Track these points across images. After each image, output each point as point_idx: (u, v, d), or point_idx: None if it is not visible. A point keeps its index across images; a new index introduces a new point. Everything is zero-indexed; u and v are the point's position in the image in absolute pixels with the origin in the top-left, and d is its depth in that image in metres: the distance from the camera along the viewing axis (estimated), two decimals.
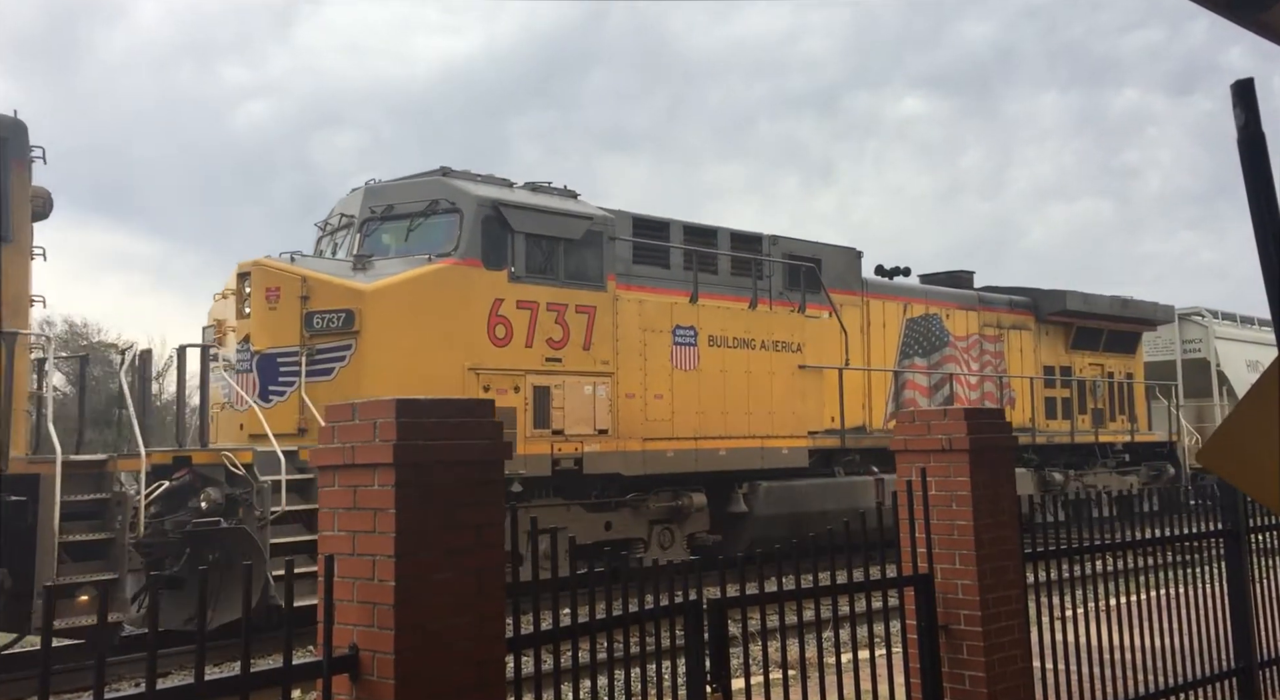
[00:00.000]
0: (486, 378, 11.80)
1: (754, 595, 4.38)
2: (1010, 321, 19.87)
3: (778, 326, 14.89)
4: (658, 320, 13.49)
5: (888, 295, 17.58)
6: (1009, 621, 5.11)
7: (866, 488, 15.56)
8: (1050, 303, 20.39)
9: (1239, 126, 2.43)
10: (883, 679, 4.77)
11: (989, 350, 19.13)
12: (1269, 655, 6.68)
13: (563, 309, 12.54)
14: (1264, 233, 2.37)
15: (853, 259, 17.00)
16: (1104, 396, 21.28)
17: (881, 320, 17.23)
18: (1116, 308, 21.20)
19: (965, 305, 18.98)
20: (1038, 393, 19.88)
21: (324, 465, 3.27)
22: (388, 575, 3.01)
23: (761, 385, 14.43)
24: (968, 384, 18.45)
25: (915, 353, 17.68)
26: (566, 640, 3.70)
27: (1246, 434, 2.66)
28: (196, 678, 2.75)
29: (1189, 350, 24.33)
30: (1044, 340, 20.46)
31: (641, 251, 13.94)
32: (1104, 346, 21.64)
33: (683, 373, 13.60)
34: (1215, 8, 2.65)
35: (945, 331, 18.32)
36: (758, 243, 15.36)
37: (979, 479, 5.08)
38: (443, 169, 12.68)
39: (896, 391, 17.18)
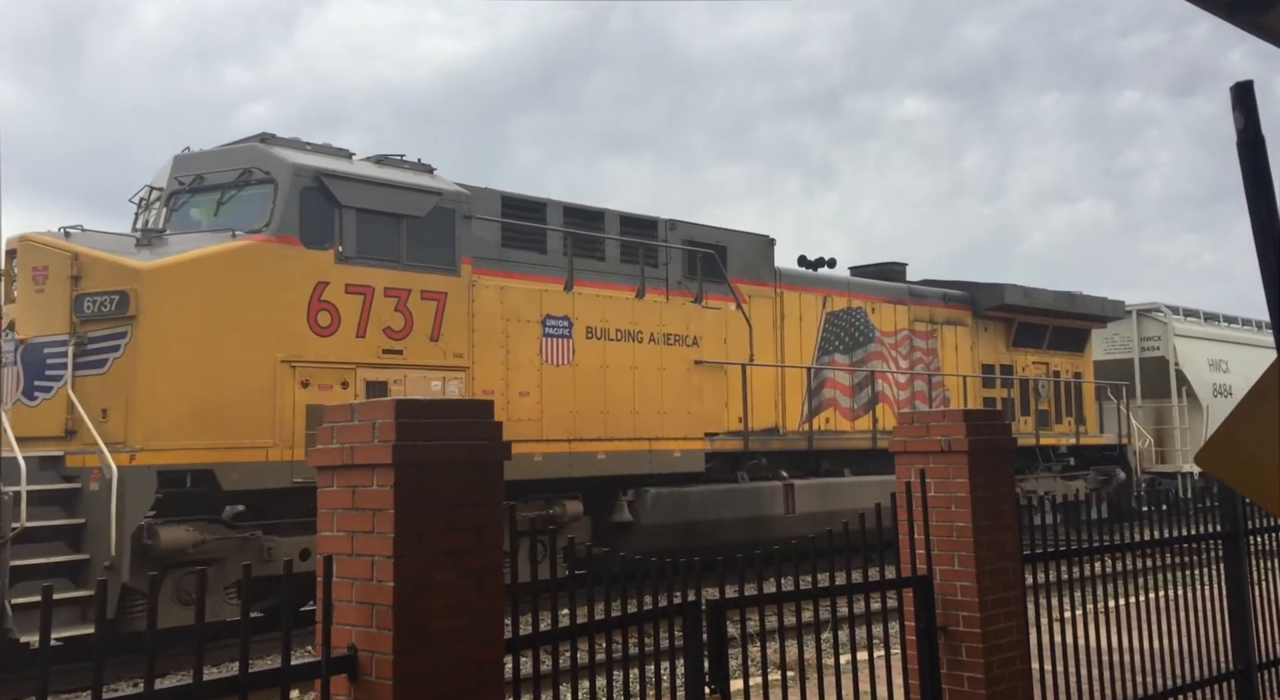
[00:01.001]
0: (306, 372, 10.44)
1: (752, 596, 4.38)
2: (944, 316, 18.62)
3: (670, 318, 13.53)
4: (524, 309, 12.14)
5: (805, 287, 16.31)
6: (1008, 623, 5.11)
7: (774, 495, 14.31)
8: (988, 297, 19.12)
9: (1238, 129, 2.43)
10: (881, 680, 4.77)
11: (920, 347, 17.92)
12: (1267, 657, 6.68)
13: (404, 295, 11.13)
14: (1263, 235, 2.37)
15: (764, 247, 15.67)
16: (1049, 397, 20.11)
17: (797, 313, 16.00)
18: (1062, 303, 19.98)
19: (893, 299, 17.73)
20: (975, 392, 18.76)
21: (323, 466, 3.27)
22: (386, 576, 3.01)
23: (650, 382, 13.12)
24: (895, 383, 17.38)
25: (836, 349, 16.55)
26: (565, 641, 3.70)
27: (1245, 436, 2.66)
28: (195, 678, 2.75)
29: (1147, 349, 23.30)
30: (982, 337, 19.28)
31: (512, 234, 12.61)
32: (1049, 344, 20.47)
33: (554, 368, 12.28)
34: (1216, 10, 2.65)
35: (870, 326, 17.15)
36: (652, 227, 14.10)
37: (978, 481, 5.09)
38: (261, 135, 11.25)
39: (814, 390, 16.03)
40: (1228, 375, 23.84)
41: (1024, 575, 5.35)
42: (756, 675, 4.34)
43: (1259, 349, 25.06)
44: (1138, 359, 23.13)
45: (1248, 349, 24.94)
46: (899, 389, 17.41)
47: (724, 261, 14.74)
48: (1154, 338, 23.17)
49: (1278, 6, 2.55)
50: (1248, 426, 2.65)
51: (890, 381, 17.27)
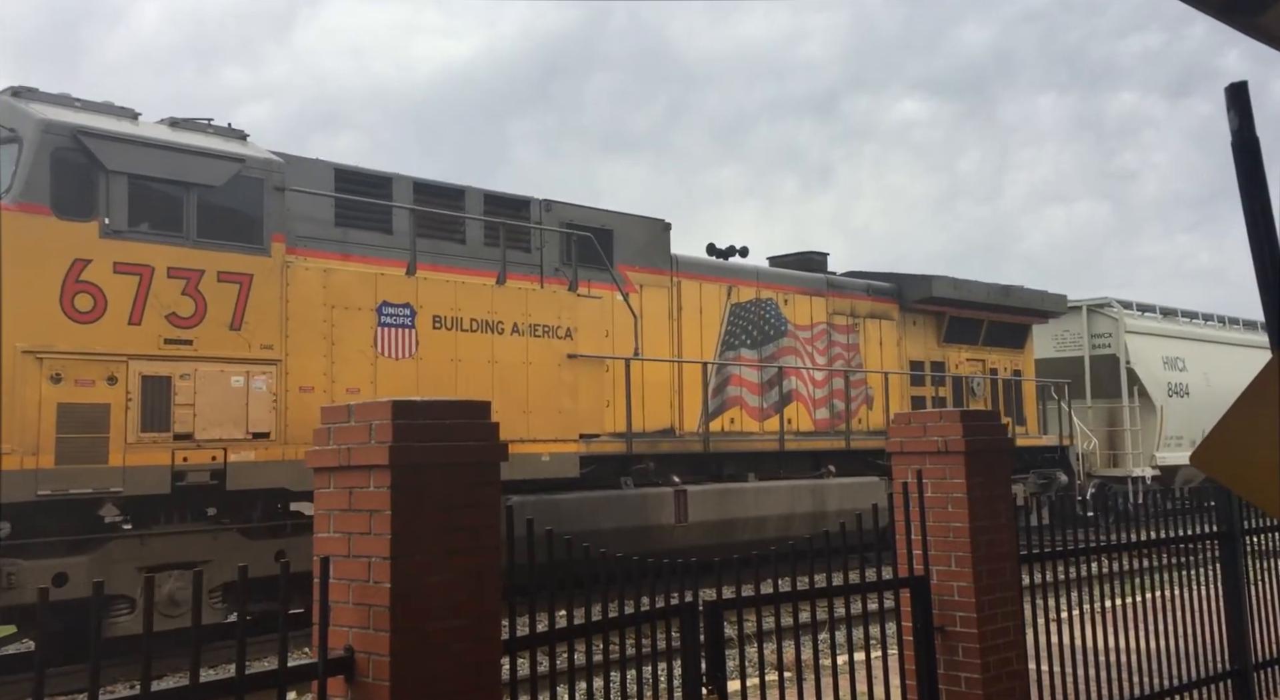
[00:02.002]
0: (56, 364, 8.90)
1: (750, 597, 4.39)
2: (867, 310, 17.44)
3: (538, 307, 12.13)
4: (354, 295, 10.73)
5: (707, 276, 15.11)
6: (1005, 623, 5.11)
7: (663, 502, 12.99)
8: (915, 289, 17.90)
9: (1233, 130, 2.43)
10: (879, 681, 4.78)
11: (840, 342, 16.77)
12: (1264, 657, 6.69)
13: (195, 276, 9.62)
14: (1258, 235, 2.38)
15: (658, 232, 14.40)
16: (985, 395, 18.98)
17: (697, 304, 14.81)
18: (996, 296, 18.87)
19: (810, 290, 16.53)
20: (901, 391, 17.62)
21: (320, 467, 3.27)
22: (383, 577, 3.01)
23: (513, 378, 11.76)
24: (811, 380, 16.22)
25: (743, 343, 15.34)
26: (563, 642, 3.70)
27: (1242, 436, 2.66)
28: (191, 679, 2.74)
29: (1098, 346, 21.97)
30: (910, 331, 18.06)
31: (349, 211, 11.35)
32: (985, 340, 19.27)
33: (393, 361, 10.92)
34: (1211, 11, 2.65)
35: (783, 319, 15.95)
36: (523, 207, 12.87)
37: (975, 481, 5.09)
38: (14, 88, 9.54)
39: (717, 388, 14.84)
40: (1184, 374, 22.80)
41: (1021, 575, 5.35)
42: (754, 676, 4.34)
43: (1220, 345, 24.17)
44: (1088, 357, 21.95)
45: (1207, 346, 23.92)
46: (815, 387, 16.32)
47: (609, 246, 13.50)
48: (1105, 335, 21.98)
49: (1272, 7, 2.56)
50: (1244, 426, 2.66)
51: (805, 379, 16.16)
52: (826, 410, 16.32)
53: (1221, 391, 23.08)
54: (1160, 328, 23.03)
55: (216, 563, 9.64)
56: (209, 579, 9.55)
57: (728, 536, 13.39)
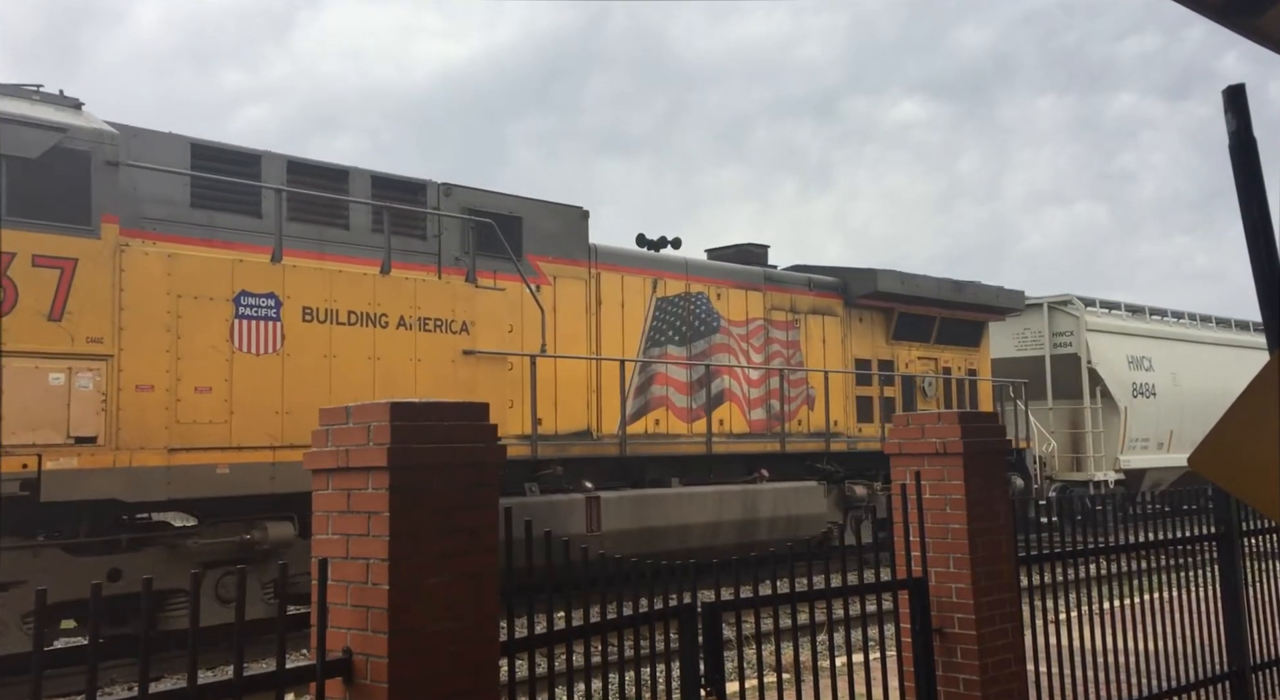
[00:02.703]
0: None
1: (748, 599, 4.39)
2: (809, 305, 16.56)
3: (429, 299, 11.21)
4: (206, 283, 9.67)
5: (630, 267, 14.23)
6: (1003, 625, 5.12)
7: (572, 510, 12.12)
8: (861, 284, 17.04)
9: (1231, 131, 2.44)
10: (877, 683, 4.78)
11: (778, 339, 15.93)
12: (1262, 659, 6.70)
13: (5, 259, 8.63)
14: (1255, 236, 2.38)
15: (574, 220, 13.49)
16: (937, 396, 18.14)
17: (619, 298, 13.92)
18: (948, 292, 17.99)
19: (745, 284, 15.68)
20: (846, 390, 16.79)
21: (318, 468, 3.27)
22: (382, 579, 3.01)
23: (399, 375, 10.87)
24: (745, 379, 15.33)
25: (670, 339, 14.49)
26: (561, 644, 3.70)
27: (1240, 437, 2.66)
28: (189, 681, 2.74)
29: (1059, 345, 21.06)
30: (856, 328, 17.25)
31: (211, 192, 10.32)
32: (937, 337, 18.42)
33: (253, 357, 9.90)
34: (1209, 13, 2.66)
35: (715, 314, 15.11)
36: (418, 191, 11.96)
37: (973, 482, 5.10)
38: None
39: (640, 387, 13.97)
40: (1151, 374, 21.96)
41: (1019, 577, 5.36)
42: (752, 677, 4.34)
43: (1190, 344, 23.41)
44: (1049, 356, 21.10)
45: (1176, 344, 23.08)
46: (751, 386, 15.40)
47: (518, 235, 12.65)
48: (1066, 333, 21.07)
49: (1270, 10, 2.56)
50: (1242, 428, 2.66)
51: (740, 377, 15.26)
52: (763, 411, 15.50)
53: (1191, 392, 22.25)
54: (1125, 325, 22.20)
55: (32, 583, 8.44)
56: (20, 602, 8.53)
57: (647, 546, 12.17)
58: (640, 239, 15.40)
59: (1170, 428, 21.91)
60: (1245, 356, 23.94)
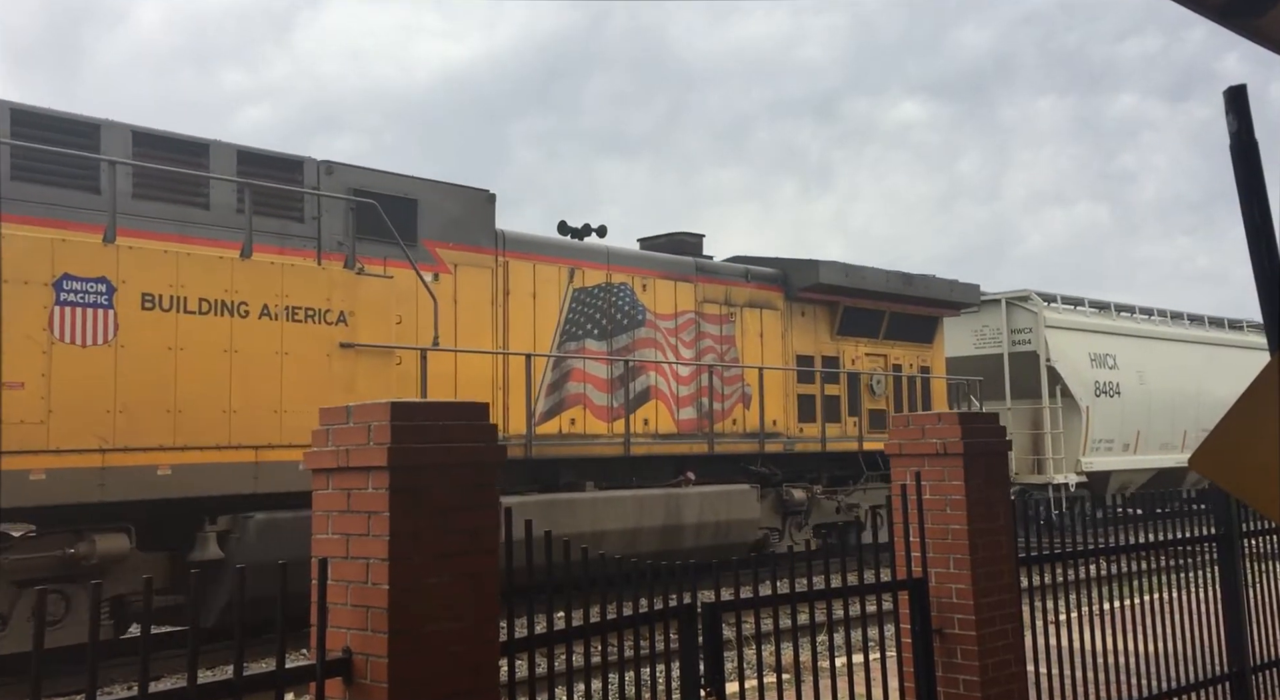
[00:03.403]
0: None
1: (748, 599, 4.39)
2: (746, 298, 15.59)
3: (300, 286, 10.10)
4: (18, 265, 8.63)
5: (544, 256, 13.24)
6: (1003, 625, 5.12)
7: None
8: (802, 276, 16.09)
9: (1232, 132, 2.44)
10: (877, 683, 4.78)
11: (710, 333, 15.00)
12: (1262, 660, 6.69)
13: None
14: (1256, 237, 2.38)
15: (479, 204, 12.49)
16: (887, 394, 17.18)
17: (530, 288, 12.96)
18: (897, 285, 17.05)
19: (675, 274, 14.73)
20: (786, 387, 15.79)
21: (318, 468, 3.27)
22: (381, 579, 3.01)
23: (261, 370, 9.78)
24: (674, 375, 14.33)
25: (589, 333, 13.55)
26: (561, 644, 3.70)
27: (1241, 438, 2.65)
28: (189, 681, 2.74)
29: (1017, 342, 20.18)
30: (798, 323, 16.29)
31: (37, 164, 9.31)
32: (887, 333, 17.50)
33: (77, 349, 8.83)
34: (1210, 14, 2.66)
35: (640, 307, 14.15)
36: (295, 169, 10.92)
37: (973, 483, 5.09)
38: None
39: (554, 384, 13.05)
40: (1115, 372, 21.01)
41: (1019, 578, 5.35)
42: (752, 678, 4.34)
43: (1159, 341, 22.53)
44: (1007, 354, 20.17)
45: (1144, 342, 22.15)
46: (680, 383, 14.41)
47: (412, 219, 11.72)
48: (1025, 330, 20.16)
49: (1270, 10, 2.56)
50: (1243, 429, 2.65)
51: (667, 374, 14.26)
52: (694, 410, 14.58)
53: (1159, 391, 21.61)
54: (1087, 322, 21.28)
55: None
56: None
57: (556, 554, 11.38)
58: (562, 226, 14.41)
59: (1137, 428, 21.23)
60: (1219, 354, 23.41)
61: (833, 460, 16.25)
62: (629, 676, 6.18)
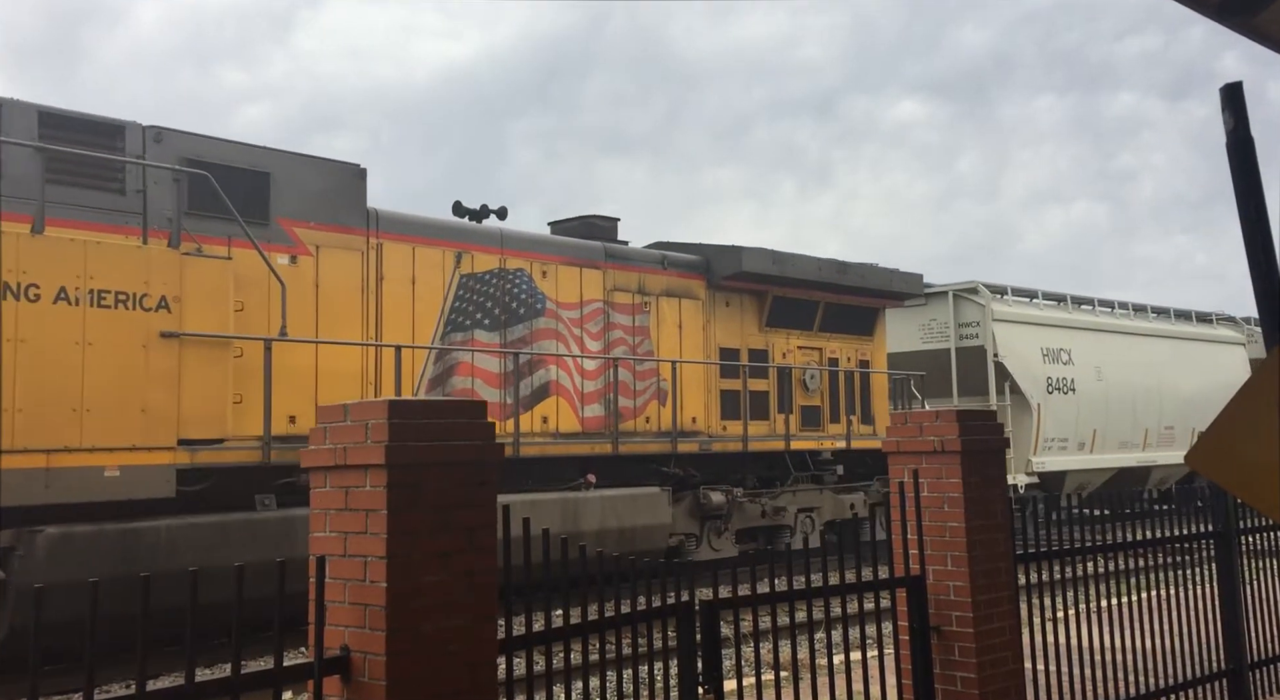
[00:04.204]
0: None
1: (746, 597, 4.39)
2: (662, 286, 14.44)
3: (107, 266, 8.97)
4: None
5: (424, 238, 12.03)
6: (1000, 623, 5.12)
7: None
8: (725, 263, 14.94)
9: (1228, 130, 2.44)
10: (874, 680, 4.78)
11: (621, 324, 13.84)
12: (1259, 656, 6.71)
13: None
14: (1253, 235, 2.38)
15: (347, 180, 11.28)
16: (822, 389, 16.11)
17: (408, 273, 11.82)
18: (831, 273, 15.94)
19: (580, 260, 13.60)
20: (707, 382, 14.74)
21: (315, 466, 3.27)
22: (379, 577, 3.01)
23: (53, 362, 8.66)
24: (578, 369, 13.26)
25: (479, 323, 12.39)
26: (559, 642, 3.70)
27: (1238, 435, 2.64)
28: (187, 679, 2.74)
29: (965, 336, 19.13)
30: (721, 314, 15.19)
31: None
32: (822, 325, 16.44)
33: None
34: (1207, 11, 2.66)
35: (539, 295, 13.02)
36: (115, 135, 9.67)
37: (970, 481, 5.10)
38: None
39: (437, 378, 11.97)
40: (1070, 368, 19.93)
41: (1016, 575, 5.36)
42: (750, 675, 4.35)
43: (1118, 335, 21.39)
44: (954, 349, 19.13)
45: (1101, 335, 20.99)
46: (586, 378, 13.34)
47: (264, 194, 10.53)
48: (973, 323, 19.11)
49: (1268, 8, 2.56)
50: (1240, 425, 2.65)
51: (570, 368, 13.19)
52: (600, 407, 13.57)
53: (1118, 387, 20.57)
54: (1040, 315, 20.17)
55: None
56: None
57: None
58: (457, 207, 13.23)
59: (1093, 427, 20.18)
60: (1185, 349, 22.57)
61: (761, 460, 15.25)
62: (627, 674, 6.18)
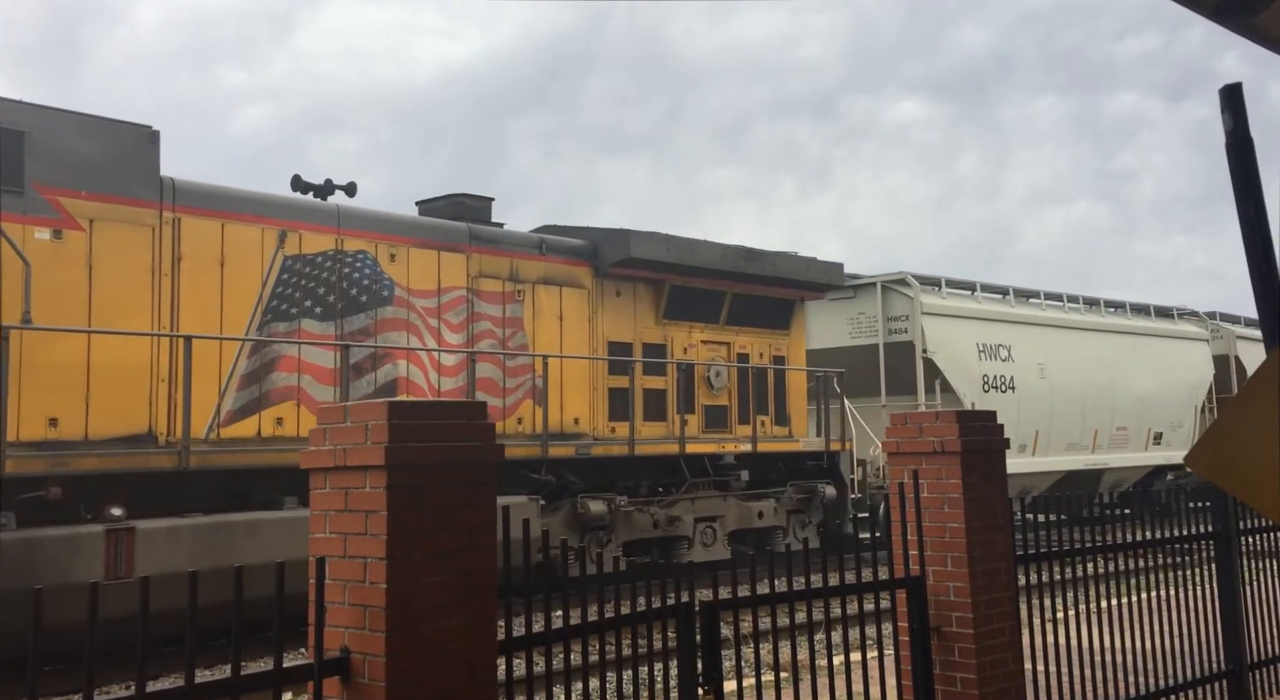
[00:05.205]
0: None
1: (746, 597, 4.39)
2: (539, 273, 13.04)
3: None
4: None
5: (236, 213, 10.50)
6: (1000, 623, 5.12)
7: (76, 548, 8.47)
8: (613, 249, 13.52)
9: (1227, 131, 2.44)
10: (874, 681, 4.78)
11: (489, 314, 12.49)
12: (1259, 657, 6.71)
13: None
14: (1252, 236, 2.38)
15: (133, 143, 9.85)
16: (729, 387, 14.84)
17: (214, 253, 10.28)
18: (737, 262, 14.56)
19: (438, 243, 12.17)
20: (593, 380, 13.38)
21: (315, 467, 3.27)
22: (379, 578, 3.01)
23: None
24: (434, 364, 11.90)
25: (309, 312, 10.94)
26: (559, 642, 3.70)
27: (1239, 436, 2.64)
28: (187, 680, 2.74)
29: (894, 331, 17.82)
30: (611, 305, 13.78)
31: None
32: (730, 318, 15.08)
33: None
34: (1205, 12, 2.66)
35: (385, 281, 11.60)
36: None
37: (970, 481, 5.10)
38: None
39: (252, 374, 10.45)
40: (1010, 365, 18.63)
41: (1016, 576, 5.36)
42: (750, 676, 4.35)
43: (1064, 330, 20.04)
44: (883, 344, 17.82)
45: (1045, 331, 19.71)
46: (444, 374, 12.00)
47: (16, 156, 9.12)
48: (901, 317, 17.81)
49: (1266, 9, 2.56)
50: (1241, 427, 2.65)
51: (425, 363, 11.85)
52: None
53: (1064, 385, 19.28)
54: (976, 309, 18.80)
55: None
56: None
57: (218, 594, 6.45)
58: (295, 181, 11.82)
59: (1035, 428, 18.87)
60: (1142, 345, 21.41)
61: (659, 466, 13.82)
62: (627, 675, 6.18)
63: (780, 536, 14.58)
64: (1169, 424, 22.04)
